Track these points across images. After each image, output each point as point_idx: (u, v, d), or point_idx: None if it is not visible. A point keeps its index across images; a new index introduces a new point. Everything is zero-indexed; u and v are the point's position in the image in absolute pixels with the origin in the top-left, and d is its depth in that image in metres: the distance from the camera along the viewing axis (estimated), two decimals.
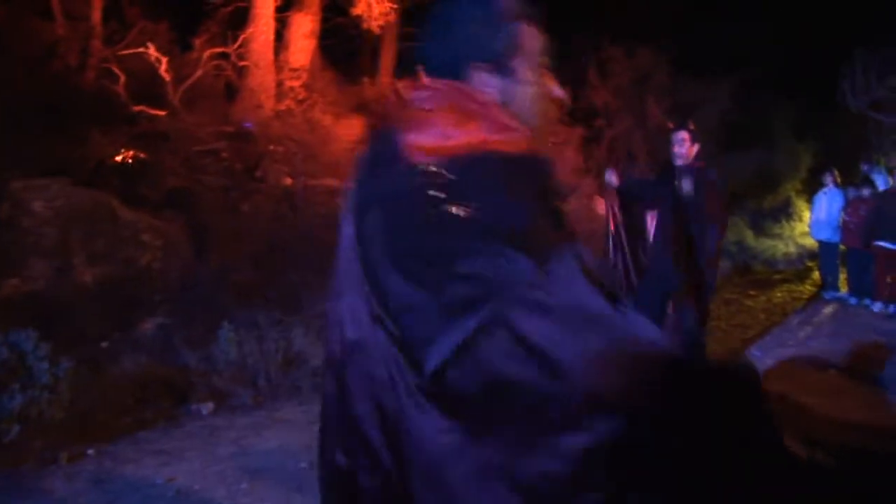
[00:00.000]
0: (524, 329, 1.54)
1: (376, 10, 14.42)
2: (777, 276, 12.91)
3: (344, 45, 17.76)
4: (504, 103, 1.91)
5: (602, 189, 6.61)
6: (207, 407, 6.19)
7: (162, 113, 11.84)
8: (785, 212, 16.48)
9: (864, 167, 11.86)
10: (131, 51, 12.27)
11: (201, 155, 11.52)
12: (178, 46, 13.72)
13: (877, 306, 10.40)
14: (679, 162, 6.24)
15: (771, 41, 18.15)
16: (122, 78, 11.76)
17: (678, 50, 16.17)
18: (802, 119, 18.05)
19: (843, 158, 13.36)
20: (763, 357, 8.12)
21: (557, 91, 2.22)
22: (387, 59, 17.85)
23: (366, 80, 16.28)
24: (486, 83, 1.92)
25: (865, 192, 10.82)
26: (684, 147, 6.21)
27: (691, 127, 6.45)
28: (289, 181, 11.54)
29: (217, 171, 11.35)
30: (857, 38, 14.54)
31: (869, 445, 5.51)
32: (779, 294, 11.62)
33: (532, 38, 2.04)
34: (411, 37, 18.34)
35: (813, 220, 11.70)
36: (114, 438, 5.47)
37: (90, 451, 5.21)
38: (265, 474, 4.97)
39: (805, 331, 9.48)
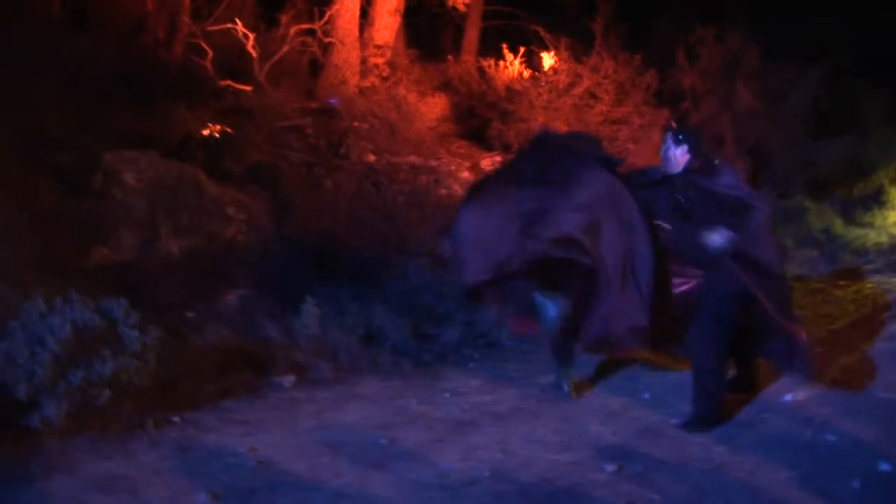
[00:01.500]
0: None
1: None
2: (868, 267, 12.49)
3: (428, 23, 17.74)
4: None
5: None
6: (289, 379, 6.25)
7: (248, 88, 11.99)
8: (877, 200, 15.95)
9: None
10: (219, 26, 12.42)
11: (285, 131, 11.64)
12: (265, 22, 13.84)
13: None
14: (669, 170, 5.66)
15: (863, 28, 17.61)
16: (210, 53, 11.92)
17: (769, 34, 15.76)
18: (895, 106, 17.47)
19: None
20: (851, 349, 7.89)
21: None
22: (471, 37, 17.75)
23: (450, 58, 16.21)
24: None
25: None
26: (668, 152, 5.62)
27: (673, 125, 6.27)
28: (372, 158, 11.59)
29: (301, 147, 11.46)
30: None
31: None
32: (869, 285, 11.25)
33: None
34: (495, 15, 18.27)
35: None
36: (197, 407, 5.56)
37: (175, 419, 5.31)
38: (344, 449, 5.01)
39: (895, 325, 9.18)
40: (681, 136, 5.56)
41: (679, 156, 5.51)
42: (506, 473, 4.69)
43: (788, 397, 6.22)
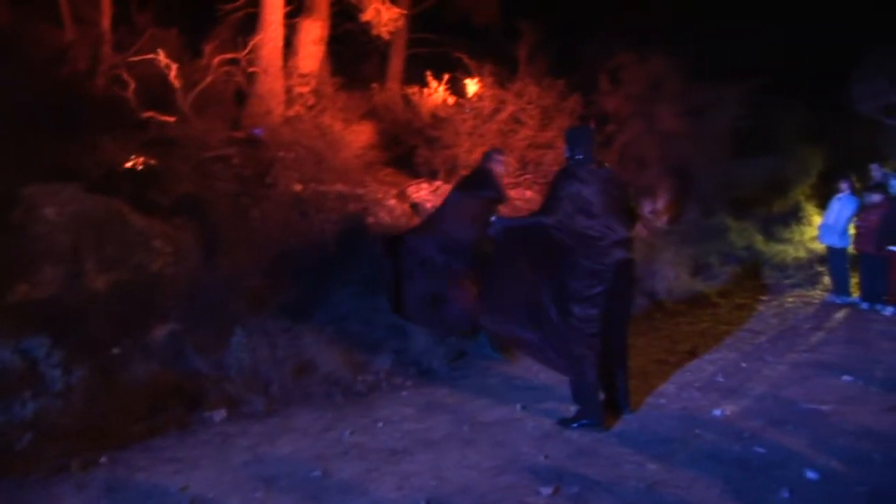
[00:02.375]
0: None
1: (385, 16, 14.41)
2: (788, 281, 12.83)
3: (353, 51, 17.77)
4: None
5: None
6: (220, 414, 6.17)
7: (172, 119, 11.84)
8: (795, 216, 16.41)
9: (877, 173, 11.79)
10: (141, 57, 12.27)
11: (211, 161, 11.52)
12: (188, 52, 13.72)
13: (889, 310, 10.36)
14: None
15: (781, 47, 18.12)
16: (133, 84, 11.76)
17: (690, 57, 16.13)
18: (813, 124, 17.99)
19: (853, 163, 13.28)
20: (776, 362, 8.09)
21: None
22: (395, 65, 17.86)
23: (375, 86, 16.27)
24: None
25: (876, 197, 10.78)
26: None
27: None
28: (299, 187, 11.54)
29: (227, 177, 11.34)
30: (867, 43, 14.50)
31: (883, 453, 5.50)
32: (790, 299, 11.57)
33: None
34: (420, 43, 18.38)
35: (822, 224, 11.66)
36: (126, 446, 5.46)
37: (103, 459, 5.20)
38: (279, 482, 4.96)
39: (817, 336, 9.43)
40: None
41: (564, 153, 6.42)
42: (441, 501, 4.69)
43: (717, 412, 6.36)
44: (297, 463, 5.27)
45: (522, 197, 13.48)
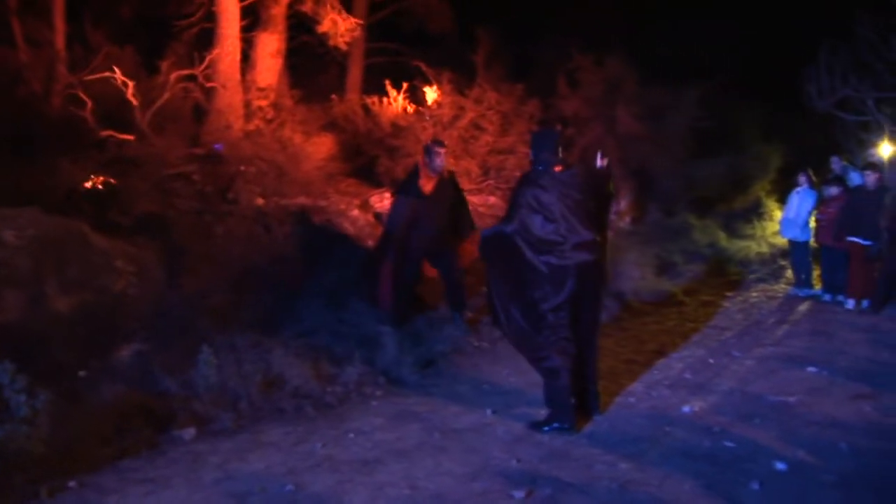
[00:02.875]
0: None
1: (342, 27, 14.40)
2: (752, 277, 12.97)
3: (311, 63, 17.77)
4: None
5: None
6: (189, 433, 6.12)
7: (130, 138, 11.76)
8: (756, 212, 16.59)
9: (836, 166, 11.94)
10: (97, 76, 12.18)
11: (172, 178, 11.45)
12: (145, 70, 13.64)
13: (850, 303, 10.50)
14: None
15: (737, 47, 18.37)
16: (89, 104, 11.67)
17: (645, 58, 16.28)
18: (770, 121, 18.22)
19: (810, 158, 13.45)
20: (743, 357, 8.18)
21: None
22: (354, 75, 17.88)
23: (334, 97, 16.26)
24: None
25: (834, 189, 10.92)
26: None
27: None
28: (261, 201, 11.50)
29: (189, 195, 11.27)
30: (819, 40, 14.70)
31: (849, 442, 5.59)
32: (754, 294, 11.69)
33: None
34: (378, 52, 18.40)
35: (783, 218, 11.78)
36: (96, 469, 5.38)
37: (72, 484, 5.13)
38: (251, 498, 4.93)
39: (782, 329, 9.54)
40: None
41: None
42: None
43: (686, 409, 6.43)
44: (269, 478, 5.24)
45: (485, 203, 13.53)
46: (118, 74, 11.94)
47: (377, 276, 8.85)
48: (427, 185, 8.80)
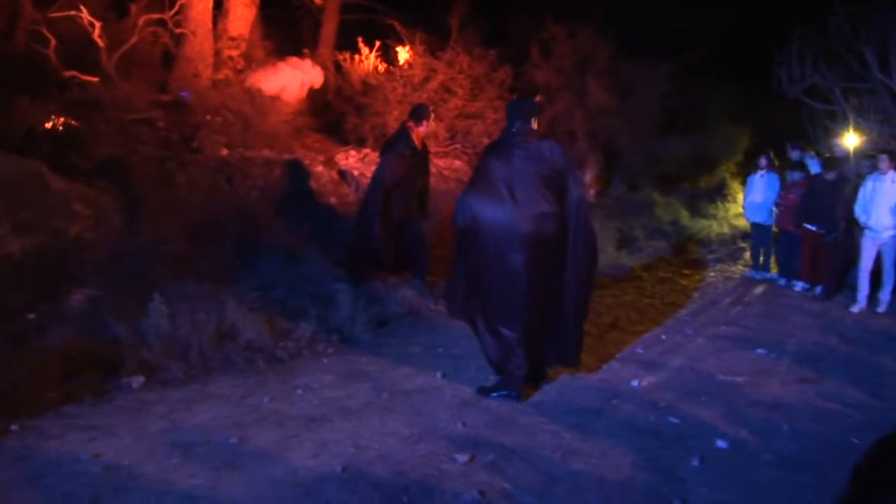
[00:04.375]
0: None
1: None
2: (711, 256, 13.12)
3: (285, 16, 17.55)
4: None
5: None
6: (138, 381, 6.08)
7: (95, 80, 11.55)
8: (720, 193, 16.74)
9: (794, 153, 12.05)
10: (63, 13, 11.90)
11: (136, 124, 11.27)
12: (114, 11, 13.36)
13: (799, 286, 10.67)
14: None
15: (710, 26, 18.37)
16: (53, 42, 11.42)
17: (620, 32, 16.26)
18: (739, 103, 18.33)
19: (777, 142, 13.56)
20: (695, 335, 8.27)
21: None
22: (328, 30, 17.64)
23: (306, 51, 16.07)
24: None
25: (797, 175, 11.02)
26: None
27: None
28: (225, 152, 11.38)
29: (152, 141, 11.10)
30: (792, 25, 14.75)
31: (790, 424, 5.69)
32: (712, 274, 11.82)
33: None
34: (353, 9, 18.20)
35: (747, 202, 11.86)
36: (39, 414, 5.33)
37: (13, 427, 5.08)
38: (195, 449, 4.91)
39: (736, 310, 9.66)
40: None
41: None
42: (358, 468, 4.70)
43: (635, 383, 6.49)
44: (215, 430, 5.23)
45: (451, 166, 13.51)
46: (85, 14, 11.67)
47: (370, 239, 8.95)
48: (418, 144, 9.01)
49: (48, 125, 10.20)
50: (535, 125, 6.28)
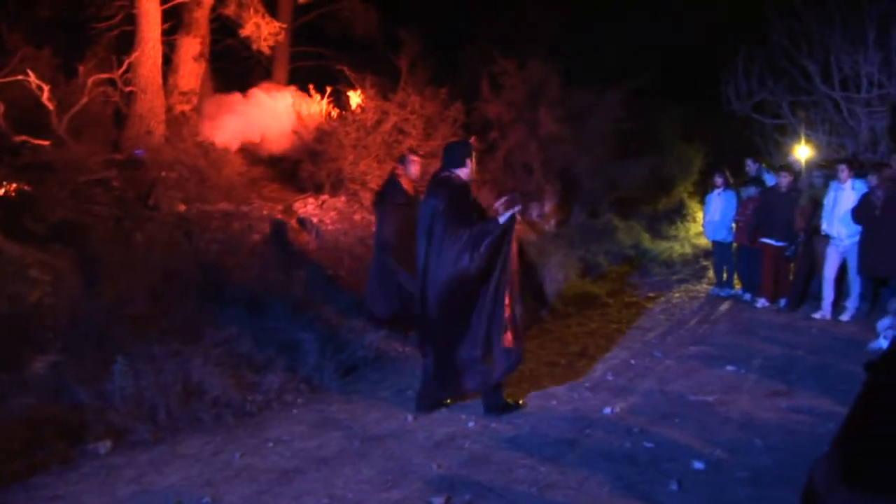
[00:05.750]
0: None
1: (265, 30, 14.30)
2: (674, 277, 13.16)
3: (235, 67, 17.58)
4: None
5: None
6: (105, 445, 5.98)
7: (46, 143, 11.46)
8: (679, 213, 16.87)
9: (752, 168, 12.19)
10: (11, 78, 11.82)
11: (90, 185, 11.18)
12: (63, 73, 13.30)
13: (761, 301, 10.75)
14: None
15: (657, 50, 18.67)
16: (2, 107, 11.32)
17: (567, 61, 16.45)
18: (691, 124, 18.55)
19: (730, 159, 13.73)
20: (664, 357, 8.29)
21: None
22: (278, 79, 17.69)
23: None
24: None
25: (752, 191, 11.14)
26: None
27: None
28: (182, 207, 11.32)
29: (107, 201, 11.01)
30: (737, 44, 15.01)
31: (764, 439, 5.70)
32: (677, 294, 11.86)
33: None
34: (302, 56, 18.27)
35: (707, 220, 11.95)
36: (4, 487, 5.22)
37: None
38: None
39: (703, 329, 9.71)
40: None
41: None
42: None
43: (607, 410, 6.49)
44: (186, 490, 5.14)
45: None
46: (32, 77, 11.61)
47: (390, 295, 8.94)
48: (410, 190, 9.07)
49: (0, 191, 10.09)
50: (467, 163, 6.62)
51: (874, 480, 2.75)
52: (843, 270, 9.86)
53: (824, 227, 9.79)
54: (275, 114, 14.51)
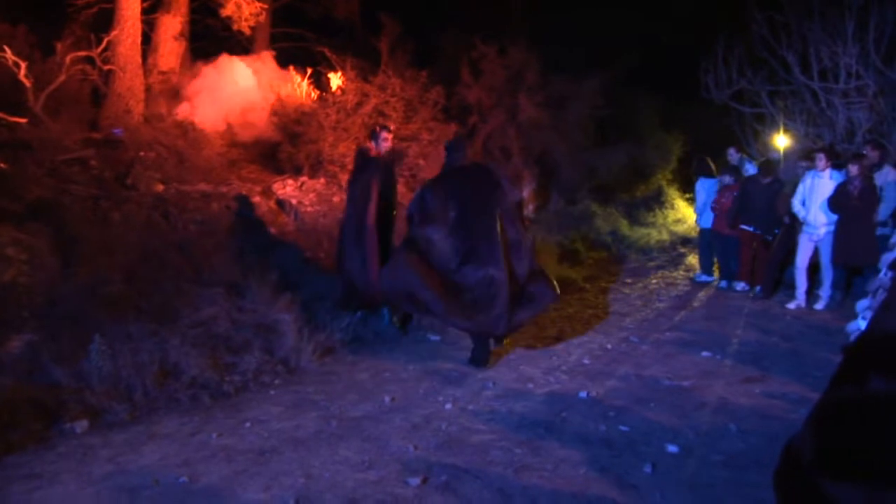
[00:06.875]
0: None
1: (246, 10, 14.24)
2: (652, 264, 13.26)
3: (215, 47, 17.45)
4: None
5: None
6: (81, 425, 5.96)
7: (23, 121, 11.36)
8: (657, 201, 16.97)
9: (734, 158, 12.27)
10: None
11: (68, 164, 11.10)
12: (40, 51, 13.17)
13: (740, 286, 10.86)
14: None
15: (637, 38, 18.73)
16: None
17: (547, 48, 16.46)
18: (670, 111, 18.63)
19: (710, 148, 13.81)
20: (640, 343, 8.37)
21: None
22: None
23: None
24: None
25: (728, 179, 11.23)
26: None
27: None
28: (160, 188, 11.25)
29: (85, 180, 10.92)
30: (717, 33, 15.10)
31: (737, 424, 5.78)
32: (654, 281, 11.95)
33: None
34: (283, 38, 18.18)
35: (699, 207, 12.03)
36: None
37: None
38: (143, 492, 4.82)
39: (679, 315, 9.79)
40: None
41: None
42: (311, 498, 4.66)
43: (583, 394, 6.55)
44: (163, 470, 5.14)
45: None
46: (9, 54, 11.49)
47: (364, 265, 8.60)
48: (382, 157, 8.87)
49: None
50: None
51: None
52: (815, 259, 9.96)
53: (800, 212, 9.88)
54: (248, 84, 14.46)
